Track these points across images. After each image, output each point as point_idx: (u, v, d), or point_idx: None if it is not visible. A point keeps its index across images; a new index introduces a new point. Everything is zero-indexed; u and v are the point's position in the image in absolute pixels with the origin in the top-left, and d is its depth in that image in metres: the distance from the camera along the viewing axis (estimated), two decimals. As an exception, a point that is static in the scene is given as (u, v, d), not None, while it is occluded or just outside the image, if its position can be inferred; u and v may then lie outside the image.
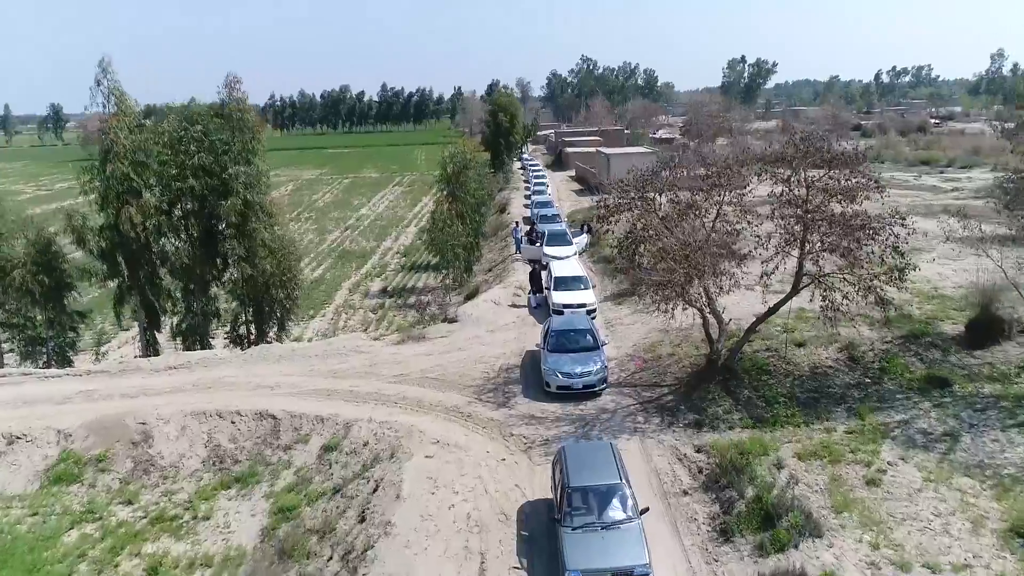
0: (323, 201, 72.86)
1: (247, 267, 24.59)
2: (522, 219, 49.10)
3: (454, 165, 35.93)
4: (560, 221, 43.84)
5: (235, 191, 23.97)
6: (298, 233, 55.54)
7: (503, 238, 45.57)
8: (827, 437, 15.36)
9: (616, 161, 62.91)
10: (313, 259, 46.12)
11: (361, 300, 36.45)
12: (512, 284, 31.02)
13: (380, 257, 46.54)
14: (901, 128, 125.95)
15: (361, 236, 53.61)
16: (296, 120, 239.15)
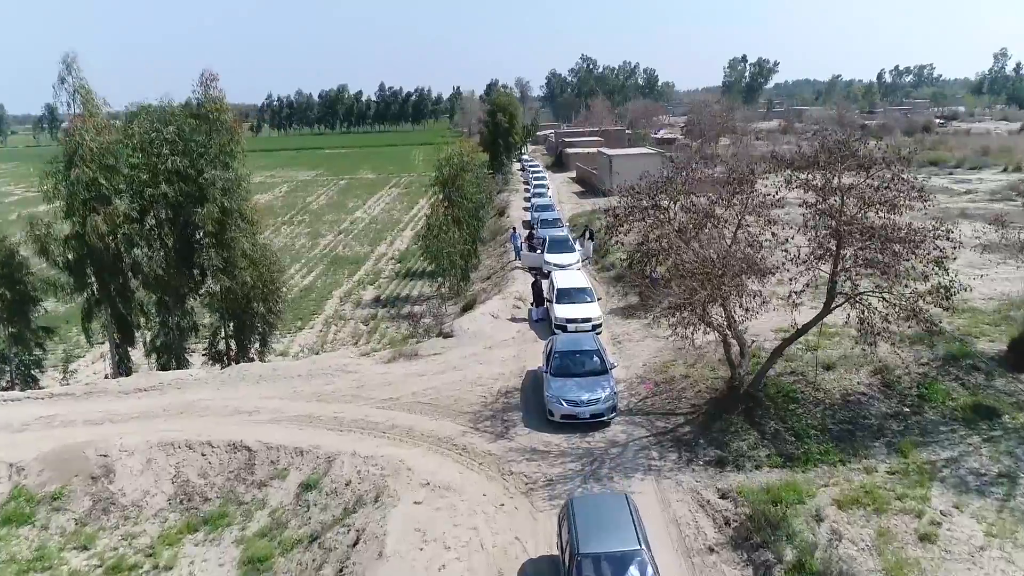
0: (317, 204, 71.08)
1: (225, 279, 22.83)
2: (521, 224, 47.36)
3: (450, 168, 34.16)
4: (561, 226, 42.09)
5: (212, 197, 22.21)
6: (290, 237, 53.78)
7: (502, 243, 43.81)
8: (868, 479, 13.61)
9: (619, 162, 61.17)
10: (304, 265, 44.33)
11: (353, 310, 34.67)
12: (511, 295, 29.26)
13: (374, 263, 44.75)
14: (906, 128, 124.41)
15: (355, 241, 51.81)
16: (293, 120, 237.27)
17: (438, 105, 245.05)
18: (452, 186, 34.19)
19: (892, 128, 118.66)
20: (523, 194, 67.37)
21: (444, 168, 34.22)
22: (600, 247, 36.73)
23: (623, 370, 19.67)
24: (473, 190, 35.60)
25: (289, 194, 79.15)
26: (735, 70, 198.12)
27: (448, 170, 34.18)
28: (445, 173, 34.20)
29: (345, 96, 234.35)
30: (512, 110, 77.83)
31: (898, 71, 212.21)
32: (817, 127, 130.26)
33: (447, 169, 34.19)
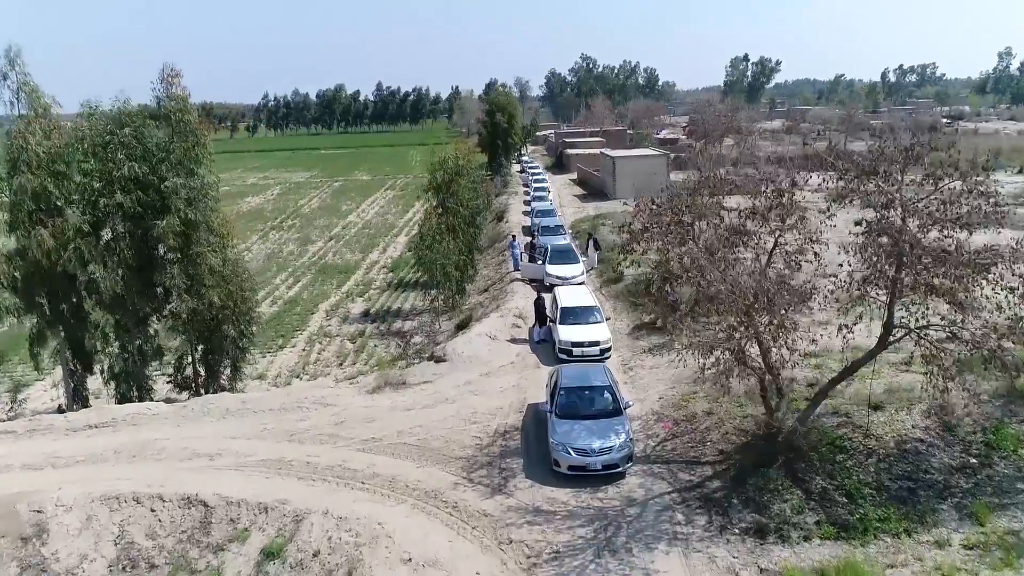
0: (309, 207, 68.68)
1: (190, 299, 20.44)
2: (520, 230, 44.95)
3: (445, 172, 31.79)
4: (564, 232, 39.74)
5: (174, 208, 19.83)
6: (278, 244, 51.40)
7: (500, 251, 41.43)
8: (942, 556, 11.27)
9: (622, 164, 58.79)
10: (291, 275, 41.93)
11: (339, 325, 32.27)
12: (511, 312, 26.91)
13: (365, 272, 42.36)
14: (912, 128, 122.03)
15: (346, 247, 49.42)
16: (290, 120, 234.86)
17: (436, 105, 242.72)
18: (446, 192, 31.84)
19: (898, 128, 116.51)
20: (523, 197, 65.02)
21: (438, 172, 31.85)
22: (608, 262, 34.32)
23: (636, 403, 17.33)
24: (469, 196, 33.22)
25: (281, 197, 76.74)
26: (737, 69, 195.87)
27: (442, 175, 31.82)
28: (439, 178, 31.83)
29: (342, 96, 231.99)
30: (511, 110, 75.46)
31: (902, 70, 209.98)
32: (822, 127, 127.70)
33: (441, 174, 31.83)
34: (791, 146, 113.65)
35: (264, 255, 47.58)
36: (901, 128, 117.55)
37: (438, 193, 31.85)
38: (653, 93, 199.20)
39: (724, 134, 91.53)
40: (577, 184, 73.28)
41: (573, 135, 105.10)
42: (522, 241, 40.91)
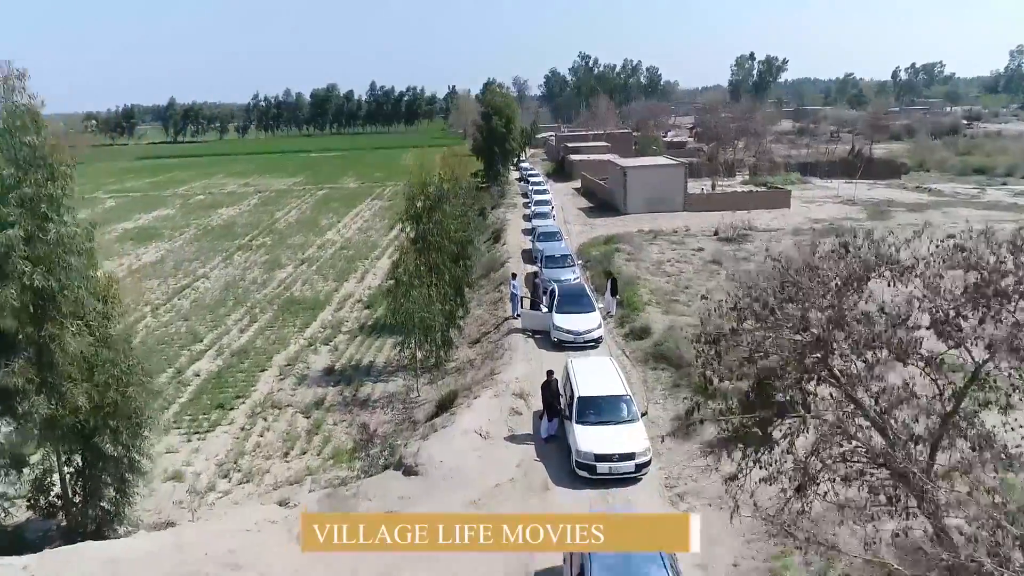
0: (286, 220, 62.03)
1: (43, 402, 13.96)
2: (520, 256, 38.46)
3: (426, 197, 25.28)
4: (572, 263, 33.21)
5: (13, 271, 13.36)
6: (242, 268, 44.79)
7: (497, 282, 34.87)
8: None
9: (634, 176, 52.16)
10: (247, 312, 35.33)
11: (294, 389, 25.71)
12: (508, 388, 20.41)
13: (336, 308, 35.79)
14: (931, 130, 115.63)
15: (319, 274, 42.80)
16: (281, 121, 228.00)
17: (432, 105, 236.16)
18: (428, 221, 25.35)
19: (917, 130, 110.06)
20: (522, 211, 58.46)
21: (417, 196, 25.35)
22: (631, 306, 27.83)
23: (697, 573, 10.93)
24: (457, 225, 26.71)
25: (257, 208, 70.12)
26: (743, 68, 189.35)
27: (423, 200, 25.33)
28: (419, 204, 25.34)
29: (335, 96, 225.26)
30: (509, 113, 68.86)
31: (914, 69, 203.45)
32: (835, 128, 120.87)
33: (421, 198, 25.34)
34: (804, 149, 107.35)
35: (222, 284, 40.98)
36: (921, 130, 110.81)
37: (417, 223, 25.35)
38: (656, 93, 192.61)
39: (737, 137, 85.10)
40: (582, 194, 66.74)
41: (575, 138, 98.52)
42: (524, 274, 34.43)
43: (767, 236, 41.17)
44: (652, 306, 27.71)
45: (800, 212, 50.91)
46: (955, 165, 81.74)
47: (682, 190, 52.04)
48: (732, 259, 35.93)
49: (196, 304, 37.17)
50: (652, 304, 27.96)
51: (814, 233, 40.78)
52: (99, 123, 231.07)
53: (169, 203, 76.63)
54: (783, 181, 68.89)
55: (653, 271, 33.67)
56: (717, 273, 33.14)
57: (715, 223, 46.44)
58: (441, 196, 25.62)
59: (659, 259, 36.13)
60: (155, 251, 51.10)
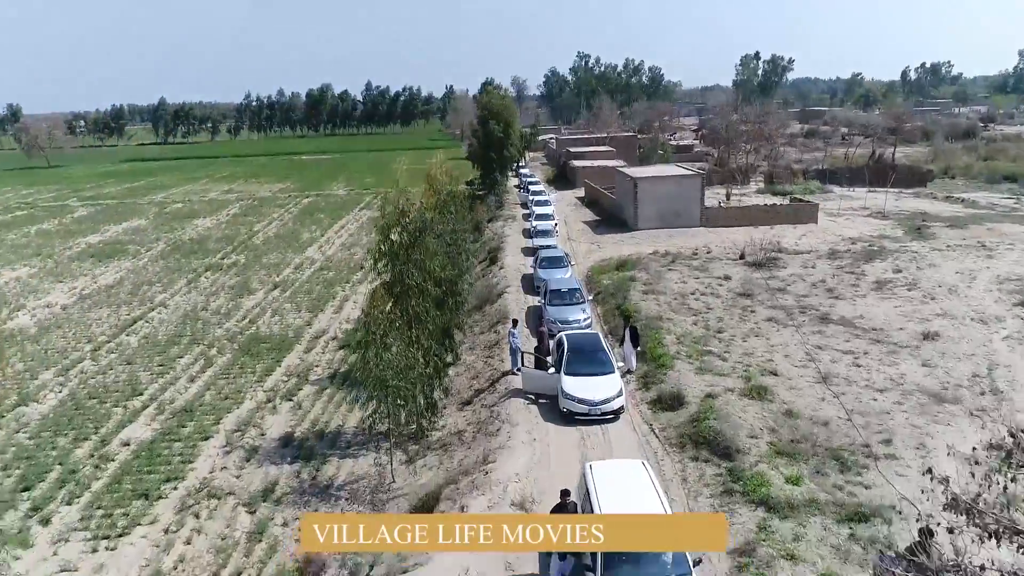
0: (265, 234, 56.99)
1: None
2: (520, 285, 33.55)
3: (404, 232, 20.31)
4: (582, 299, 28.29)
5: None
6: (207, 294, 39.73)
7: (493, 319, 29.96)
8: None
9: (647, 188, 47.12)
10: (200, 355, 30.32)
11: (239, 468, 20.73)
12: (506, 489, 15.56)
13: (306, 348, 30.79)
14: (948, 132, 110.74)
15: (291, 302, 37.78)
16: (274, 122, 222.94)
17: (429, 105, 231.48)
18: (406, 259, 20.43)
19: (932, 132, 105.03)
20: (521, 223, 53.56)
21: (394, 229, 20.40)
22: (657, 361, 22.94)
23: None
24: (442, 263, 21.76)
25: (236, 219, 65.07)
26: (747, 67, 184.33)
27: (401, 234, 20.39)
28: (395, 239, 20.40)
29: (329, 96, 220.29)
30: (507, 116, 63.87)
31: (924, 68, 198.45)
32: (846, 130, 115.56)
33: (398, 232, 20.41)
34: (816, 153, 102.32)
35: (180, 315, 35.95)
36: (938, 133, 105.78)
37: (393, 263, 20.41)
38: (658, 93, 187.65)
39: (749, 142, 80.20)
40: (586, 205, 61.75)
41: (577, 142, 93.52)
42: (525, 310, 29.52)
43: (799, 260, 36.25)
44: (682, 359, 22.75)
45: (829, 228, 45.99)
46: (982, 171, 76.94)
47: (699, 204, 47.10)
48: (765, 290, 31.01)
49: (146, 342, 32.16)
50: (681, 357, 23.00)
51: (853, 257, 35.89)
52: (88, 124, 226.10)
53: (144, 212, 71.58)
54: (803, 190, 63.97)
55: (676, 307, 28.70)
56: (751, 311, 28.19)
57: (737, 242, 41.48)
58: (424, 227, 20.66)
59: (681, 290, 31.17)
60: (115, 271, 46.06)
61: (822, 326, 26.27)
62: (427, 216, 21.09)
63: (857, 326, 26.14)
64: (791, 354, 23.59)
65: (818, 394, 20.39)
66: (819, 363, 22.68)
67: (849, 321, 26.63)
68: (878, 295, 29.84)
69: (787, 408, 19.29)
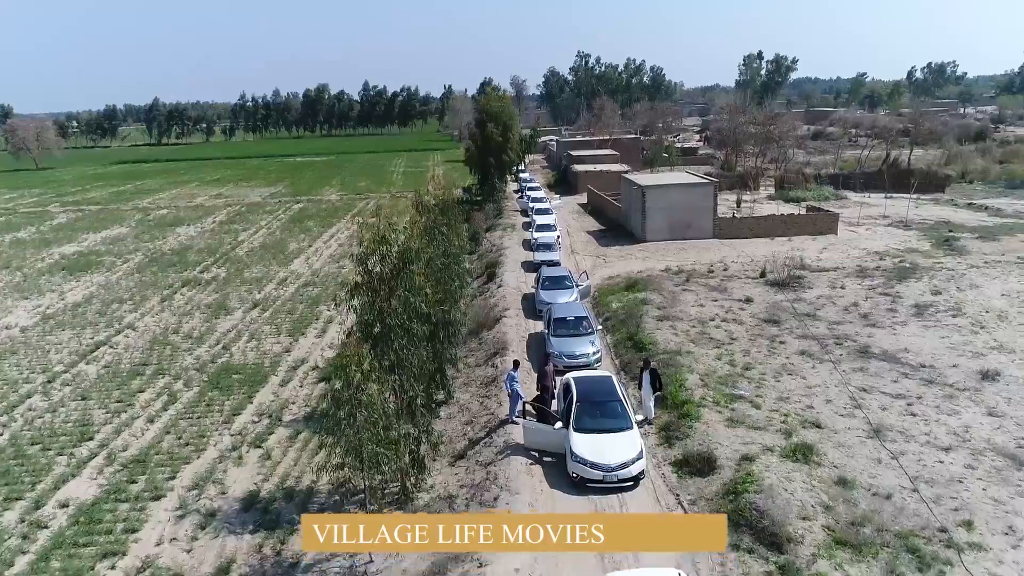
0: (250, 244, 53.89)
1: None
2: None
3: (386, 261, 17.26)
4: (590, 328, 25.23)
5: None
6: (179, 315, 36.61)
7: (489, 350, 26.93)
8: None
9: (655, 197, 44.08)
10: (164, 389, 27.23)
11: (191, 540, 17.63)
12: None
13: (282, 380, 27.72)
14: (958, 134, 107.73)
15: (271, 323, 34.71)
16: (270, 123, 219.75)
17: (427, 106, 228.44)
18: (387, 293, 17.39)
19: (942, 134, 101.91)
20: (521, 233, 50.59)
21: (376, 256, 17.38)
22: (668, 396, 19.98)
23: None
24: (429, 296, 18.73)
25: (221, 227, 61.98)
26: (750, 67, 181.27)
27: (384, 264, 17.37)
28: (377, 271, 17.37)
29: (326, 96, 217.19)
30: (506, 119, 60.81)
31: (930, 68, 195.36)
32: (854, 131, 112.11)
33: (379, 262, 17.40)
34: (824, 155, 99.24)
35: (148, 340, 32.87)
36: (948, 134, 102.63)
37: (372, 299, 17.35)
38: (660, 93, 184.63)
39: (759, 143, 77.18)
40: (588, 213, 58.70)
41: (579, 145, 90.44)
42: (526, 339, 26.44)
43: (825, 279, 33.20)
44: (708, 406, 19.70)
45: (850, 240, 42.95)
46: (1000, 176, 73.96)
47: (711, 214, 44.06)
48: (793, 315, 27.96)
49: (106, 372, 29.07)
50: (708, 403, 19.95)
51: (884, 276, 32.81)
52: (80, 124, 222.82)
53: (126, 219, 68.48)
54: (816, 196, 60.94)
55: (696, 337, 25.64)
56: (780, 342, 25.14)
57: (754, 256, 38.47)
58: (406, 257, 17.59)
59: (699, 315, 28.12)
60: (85, 287, 42.96)
61: (863, 361, 23.22)
62: (413, 245, 18.02)
63: (903, 362, 23.09)
64: (832, 398, 20.55)
65: (872, 453, 17.34)
66: (867, 410, 19.64)
67: (892, 355, 23.58)
68: (920, 322, 26.78)
69: (839, 475, 16.23)
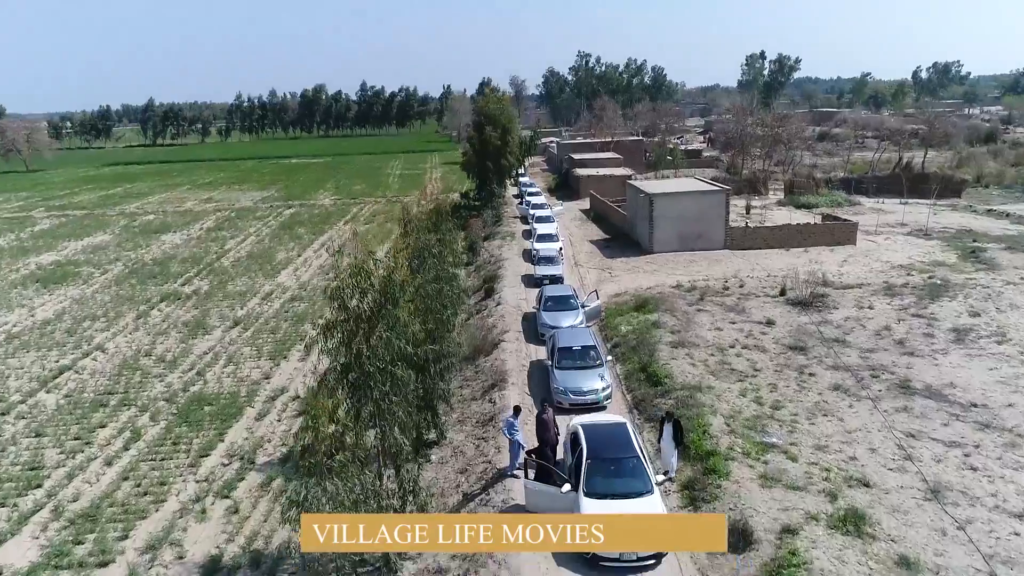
0: (237, 254, 51.35)
1: None
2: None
3: (362, 294, 14.73)
4: (599, 360, 22.73)
5: None
6: (153, 334, 34.06)
7: (487, 381, 24.45)
8: None
9: (664, 206, 41.46)
10: (129, 424, 24.70)
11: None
12: None
13: (258, 414, 25.17)
14: (967, 136, 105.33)
15: (252, 345, 32.19)
16: (266, 123, 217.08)
17: (425, 106, 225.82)
18: (367, 337, 14.88)
19: (951, 136, 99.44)
20: (520, 241, 48.13)
21: (348, 294, 14.87)
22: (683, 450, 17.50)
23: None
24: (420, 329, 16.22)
25: (208, 234, 59.43)
26: (753, 67, 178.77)
27: (361, 302, 14.86)
28: (357, 311, 14.84)
29: (323, 97, 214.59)
30: (505, 121, 58.27)
31: (936, 68, 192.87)
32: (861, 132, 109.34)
33: (361, 300, 14.89)
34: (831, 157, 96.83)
35: (117, 364, 30.35)
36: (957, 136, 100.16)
37: (347, 345, 14.84)
38: (661, 93, 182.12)
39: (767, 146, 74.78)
40: (591, 220, 56.12)
41: (580, 147, 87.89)
42: (528, 372, 23.85)
43: (850, 297, 30.71)
44: (737, 459, 17.20)
45: (870, 251, 40.47)
46: (1016, 179, 71.52)
47: (723, 223, 41.53)
48: (820, 341, 25.47)
49: (67, 403, 26.52)
50: (736, 454, 17.44)
51: (915, 294, 30.31)
52: (75, 125, 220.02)
53: (111, 225, 65.91)
54: (829, 202, 58.44)
55: (716, 368, 23.13)
56: (810, 374, 22.65)
57: (770, 270, 36.01)
58: (390, 295, 15.06)
59: (717, 341, 25.62)
60: (58, 301, 40.42)
61: (905, 398, 20.72)
62: (397, 277, 15.49)
63: (950, 399, 20.60)
64: (877, 446, 18.05)
65: (933, 521, 14.84)
66: (919, 463, 17.14)
67: (938, 392, 21.09)
68: (962, 350, 24.29)
69: (899, 552, 13.73)
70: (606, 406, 21.16)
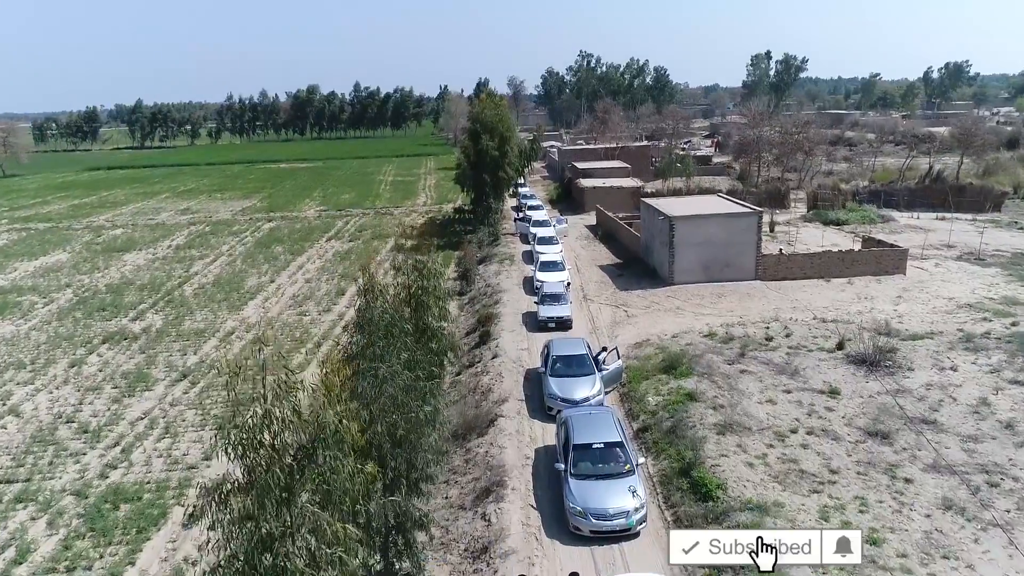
0: (203, 278, 45.87)
1: None
2: (524, 380, 22.34)
3: (277, 458, 9.44)
4: (626, 458, 17.31)
5: None
6: (83, 390, 28.50)
7: (480, 479, 18.99)
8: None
9: (687, 231, 35.84)
10: (13, 535, 19.20)
11: None
12: None
13: (185, 520, 19.70)
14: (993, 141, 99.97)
15: (196, 407, 26.65)
16: (258, 125, 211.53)
17: (421, 107, 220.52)
18: (286, 502, 9.60)
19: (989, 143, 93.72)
20: (520, 265, 42.86)
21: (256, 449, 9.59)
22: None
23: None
24: (369, 478, 10.94)
25: (177, 253, 53.91)
26: (758, 67, 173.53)
27: (283, 457, 9.59)
28: (269, 464, 9.59)
29: (316, 98, 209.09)
30: (503, 129, 52.82)
31: (948, 69, 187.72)
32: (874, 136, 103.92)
33: (274, 458, 9.62)
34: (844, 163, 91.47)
35: (27, 437, 24.85)
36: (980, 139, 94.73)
37: (257, 515, 9.56)
38: (664, 95, 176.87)
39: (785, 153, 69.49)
40: (599, 238, 50.78)
41: (583, 153, 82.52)
42: (532, 468, 18.42)
43: (923, 351, 25.33)
44: None
45: (924, 283, 35.20)
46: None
47: (754, 250, 36.18)
48: (904, 422, 20.08)
49: (-50, 497, 21.04)
50: None
51: (1003, 350, 24.90)
52: (60, 127, 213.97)
53: (73, 241, 60.37)
54: (860, 218, 53.22)
55: (781, 472, 17.67)
56: (905, 479, 17.25)
57: (813, 307, 30.73)
58: (323, 442, 9.70)
59: (773, 421, 20.23)
60: (-14, 341, 34.96)
61: (1044, 524, 15.36)
62: (331, 418, 10.06)
63: (1108, 527, 15.23)
64: (1034, 618, 12.69)
65: None
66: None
67: (1088, 513, 15.72)
68: (1092, 439, 18.92)
69: None
70: (639, 532, 15.77)
